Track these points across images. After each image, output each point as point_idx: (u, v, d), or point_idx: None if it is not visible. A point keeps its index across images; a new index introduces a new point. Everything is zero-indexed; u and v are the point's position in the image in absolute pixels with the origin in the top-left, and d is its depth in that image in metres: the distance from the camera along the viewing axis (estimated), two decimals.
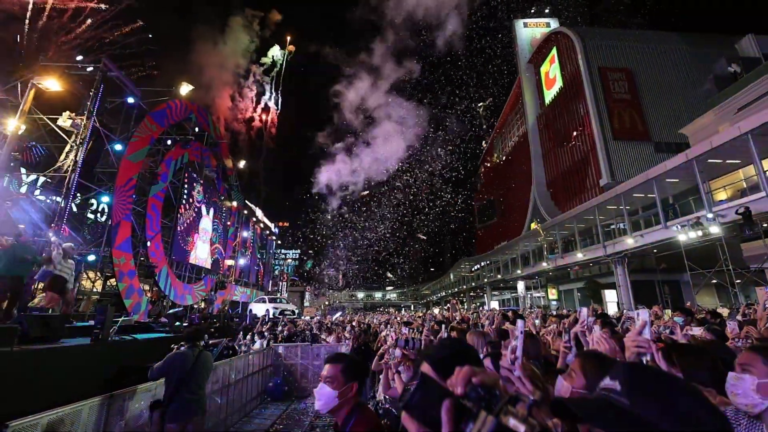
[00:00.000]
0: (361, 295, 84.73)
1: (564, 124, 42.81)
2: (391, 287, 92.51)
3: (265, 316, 15.92)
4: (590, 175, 37.18)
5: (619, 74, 37.94)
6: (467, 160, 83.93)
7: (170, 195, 17.21)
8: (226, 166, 24.87)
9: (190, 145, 18.49)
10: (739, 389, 1.28)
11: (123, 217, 13.12)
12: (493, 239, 55.55)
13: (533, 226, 35.37)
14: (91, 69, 12.57)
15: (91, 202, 14.34)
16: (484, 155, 74.33)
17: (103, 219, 14.29)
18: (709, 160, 15.47)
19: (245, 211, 29.14)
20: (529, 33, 54.46)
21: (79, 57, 13.86)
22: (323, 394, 1.59)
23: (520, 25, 55.61)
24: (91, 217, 14.62)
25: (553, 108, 45.81)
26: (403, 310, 64.95)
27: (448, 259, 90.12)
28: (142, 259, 14.77)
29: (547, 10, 58.62)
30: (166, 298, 15.79)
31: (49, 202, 11.76)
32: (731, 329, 3.41)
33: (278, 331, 11.05)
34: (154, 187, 15.66)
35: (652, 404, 0.59)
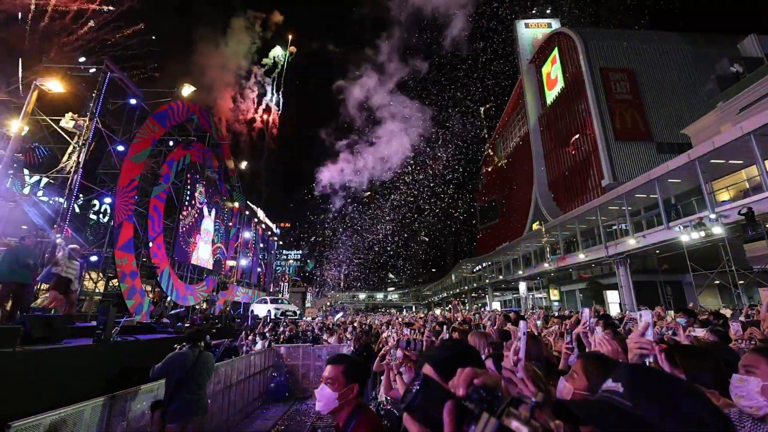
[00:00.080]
0: (362, 295, 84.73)
1: (565, 124, 42.74)
2: (393, 288, 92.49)
3: (266, 316, 15.94)
4: (592, 176, 37.10)
5: (620, 74, 37.85)
6: (469, 161, 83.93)
7: (172, 196, 17.24)
8: (227, 167, 24.91)
9: (192, 146, 18.52)
10: (744, 391, 1.28)
11: (125, 218, 13.14)
12: (495, 240, 55.45)
13: (535, 226, 35.32)
14: (93, 70, 12.62)
15: (94, 203, 14.40)
16: (486, 156, 74.27)
17: (106, 220, 14.35)
18: (712, 161, 15.44)
19: (247, 212, 29.17)
20: (530, 33, 54.46)
21: (81, 58, 13.92)
22: (324, 395, 1.59)
23: (521, 25, 55.62)
24: (93, 217, 14.69)
25: (555, 108, 45.75)
26: (405, 311, 64.93)
27: (449, 260, 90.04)
28: (144, 260, 14.79)
29: (548, 11, 58.56)
30: (168, 298, 15.82)
31: (51, 203, 11.79)
32: (734, 331, 3.39)
33: (280, 331, 11.06)
34: (156, 188, 15.69)
35: (655, 406, 0.59)
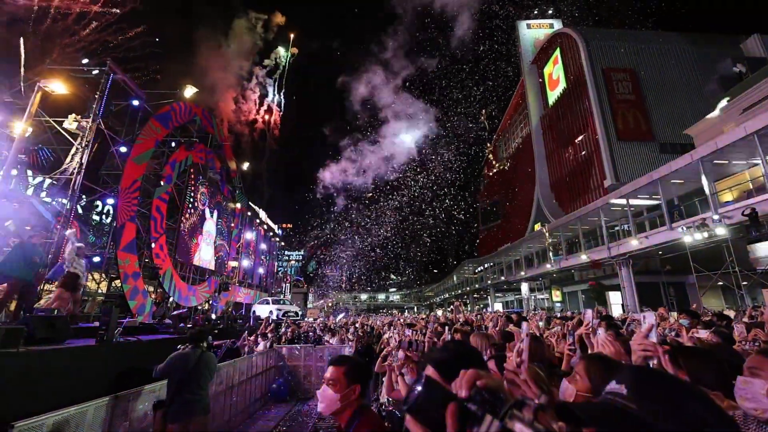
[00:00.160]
0: (364, 296, 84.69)
1: (568, 125, 42.64)
2: (395, 289, 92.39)
3: (268, 317, 15.96)
4: (594, 176, 36.98)
5: (623, 75, 37.73)
6: (470, 161, 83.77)
7: (174, 197, 17.31)
8: (229, 168, 24.97)
9: (194, 147, 18.59)
10: (749, 393, 1.27)
11: (128, 219, 13.20)
12: (497, 241, 55.37)
13: (537, 227, 35.24)
14: (96, 72, 12.68)
15: (97, 204, 14.47)
16: (488, 157, 74.19)
17: (108, 221, 14.41)
18: (715, 161, 15.36)
19: (249, 213, 29.24)
20: (532, 34, 54.41)
21: (84, 60, 13.99)
22: (326, 397, 1.58)
23: (523, 26, 55.57)
24: (96, 218, 14.76)
25: (557, 109, 45.66)
26: (407, 311, 64.86)
27: (451, 261, 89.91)
28: (147, 261, 14.84)
29: (550, 11, 58.53)
30: (171, 299, 15.86)
31: (55, 203, 11.86)
32: (739, 332, 3.37)
33: (281, 332, 11.06)
34: (159, 189, 15.75)
35: (659, 408, 0.58)
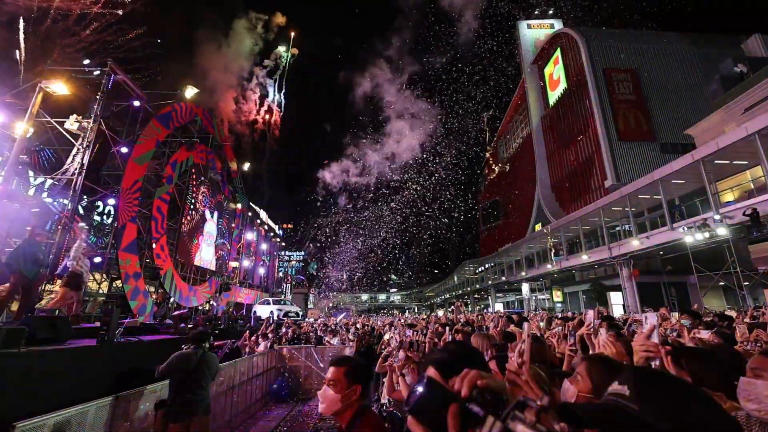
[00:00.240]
0: (364, 297, 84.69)
1: (568, 125, 42.62)
2: (395, 289, 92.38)
3: (269, 318, 15.95)
4: (595, 177, 36.96)
5: (623, 75, 37.71)
6: (471, 162, 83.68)
7: (175, 197, 17.32)
8: (230, 169, 24.98)
9: (195, 148, 18.60)
10: (752, 394, 1.26)
11: (129, 220, 13.21)
12: (498, 241, 55.32)
13: (537, 227, 35.18)
14: (97, 72, 12.69)
15: (98, 205, 14.49)
16: (488, 157, 74.16)
17: (109, 221, 14.43)
18: (716, 161, 15.35)
19: (249, 213, 29.24)
20: (532, 34, 54.37)
21: (86, 61, 14.01)
22: (326, 397, 1.58)
23: (523, 26, 55.53)
24: (97, 219, 14.78)
25: (558, 109, 45.65)
26: (407, 312, 64.85)
27: (452, 262, 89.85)
28: (148, 261, 14.85)
29: (551, 12, 58.45)
30: (172, 299, 15.87)
31: (56, 204, 11.88)
32: (741, 333, 3.36)
33: (282, 332, 11.06)
34: (160, 190, 15.76)
35: (661, 409, 0.58)
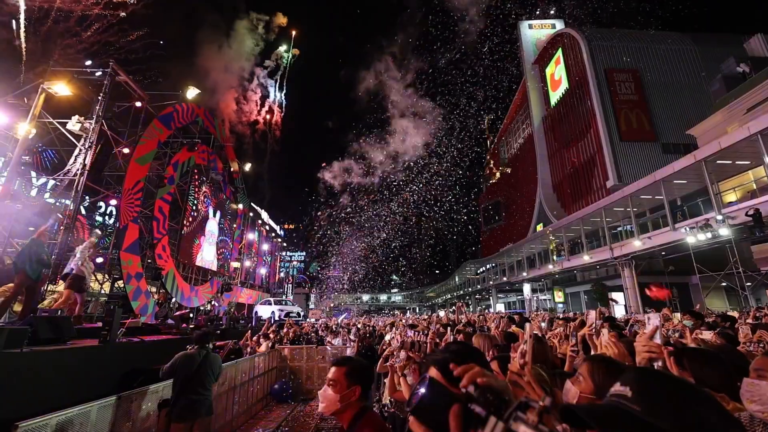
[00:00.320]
0: (366, 297, 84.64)
1: (570, 125, 42.55)
2: (397, 290, 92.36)
3: (270, 318, 15.98)
4: (597, 177, 36.88)
5: (625, 75, 37.62)
6: (473, 162, 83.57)
7: (177, 198, 17.36)
8: (232, 169, 25.03)
9: (196, 148, 18.63)
10: (756, 396, 1.26)
11: (130, 220, 13.23)
12: (499, 241, 55.25)
13: (539, 228, 35.09)
14: (99, 73, 12.73)
15: (100, 205, 14.53)
16: (490, 158, 74.08)
17: (111, 222, 14.47)
18: (718, 162, 15.30)
19: (251, 214, 29.28)
20: (534, 34, 54.26)
21: (88, 62, 14.05)
22: (326, 397, 1.60)
23: (525, 26, 55.42)
24: (99, 219, 14.82)
25: (559, 109, 45.58)
26: (408, 312, 64.80)
27: (453, 262, 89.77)
28: (150, 262, 14.88)
29: (552, 11, 58.31)
30: (173, 300, 15.90)
31: (58, 205, 11.92)
32: (744, 333, 3.35)
33: (283, 333, 11.07)
34: (161, 190, 15.78)
35: (664, 410, 0.58)
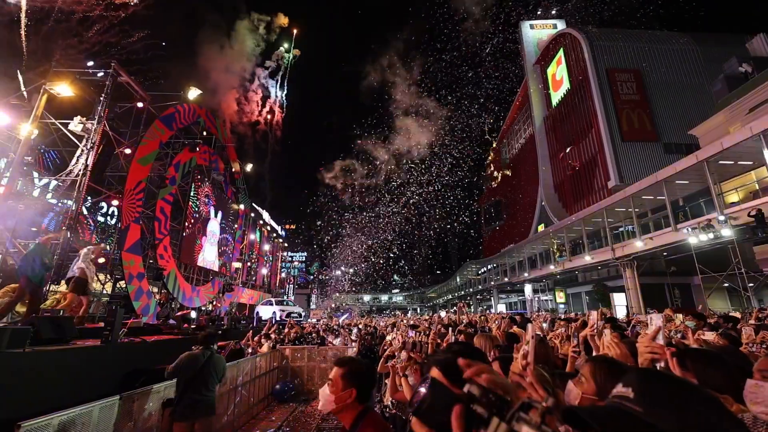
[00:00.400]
0: (367, 297, 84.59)
1: (571, 125, 42.48)
2: (398, 290, 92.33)
3: (272, 318, 15.99)
4: (598, 177, 36.81)
5: (627, 75, 37.55)
6: (474, 163, 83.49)
7: (178, 198, 17.39)
8: (233, 169, 25.08)
9: (198, 149, 18.67)
10: (759, 397, 1.25)
11: (132, 220, 13.26)
12: (500, 242, 55.23)
13: (540, 228, 35.04)
14: (101, 74, 12.76)
15: (101, 206, 14.57)
16: (491, 158, 74.02)
17: (113, 222, 14.51)
18: (720, 162, 15.25)
19: (252, 214, 29.32)
20: (535, 34, 54.20)
21: (89, 62, 14.08)
22: (323, 395, 1.64)
23: (526, 26, 55.37)
24: (101, 220, 14.86)
25: (560, 110, 45.52)
26: (410, 312, 64.77)
27: (454, 262, 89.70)
28: (151, 262, 14.91)
29: (554, 12, 58.21)
30: (175, 300, 15.93)
31: (60, 205, 11.96)
32: (747, 334, 3.34)
33: (284, 333, 11.08)
34: (163, 191, 15.82)
35: (667, 412, 0.58)
